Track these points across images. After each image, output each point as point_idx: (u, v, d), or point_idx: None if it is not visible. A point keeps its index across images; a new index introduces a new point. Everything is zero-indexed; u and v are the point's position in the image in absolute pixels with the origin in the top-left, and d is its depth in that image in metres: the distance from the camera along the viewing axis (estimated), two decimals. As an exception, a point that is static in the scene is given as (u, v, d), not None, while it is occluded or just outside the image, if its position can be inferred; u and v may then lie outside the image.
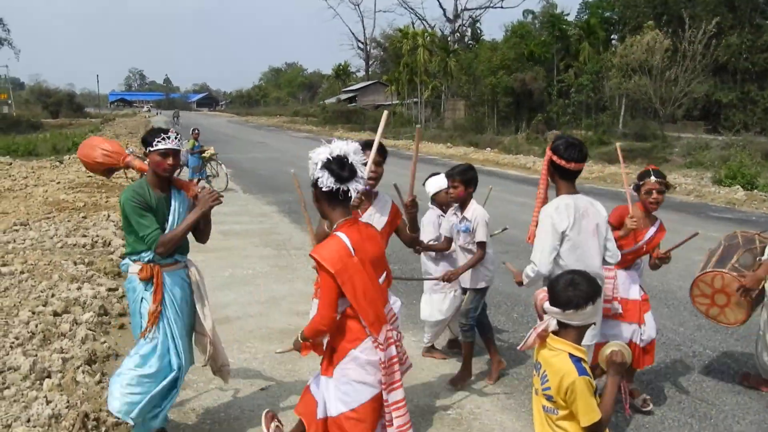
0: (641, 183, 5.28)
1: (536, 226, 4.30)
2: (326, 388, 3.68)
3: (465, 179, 5.56)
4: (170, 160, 4.37)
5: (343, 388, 3.60)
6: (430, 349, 6.52)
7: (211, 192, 4.50)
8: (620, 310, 5.02)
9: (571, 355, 2.95)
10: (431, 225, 6.19)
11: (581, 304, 2.96)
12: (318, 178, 3.56)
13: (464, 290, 5.81)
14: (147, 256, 4.44)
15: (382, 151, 4.46)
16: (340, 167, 3.54)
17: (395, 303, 4.08)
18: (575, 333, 3.01)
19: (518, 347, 3.35)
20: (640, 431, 5.00)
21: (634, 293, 5.19)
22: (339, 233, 3.54)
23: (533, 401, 3.16)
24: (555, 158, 4.27)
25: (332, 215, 3.64)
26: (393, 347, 3.63)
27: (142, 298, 4.44)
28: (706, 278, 5.43)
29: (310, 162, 3.62)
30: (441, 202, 6.19)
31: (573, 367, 2.90)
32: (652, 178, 5.21)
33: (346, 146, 3.64)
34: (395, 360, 3.63)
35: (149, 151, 4.35)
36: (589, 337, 3.91)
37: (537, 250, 4.21)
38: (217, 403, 5.39)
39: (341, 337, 3.61)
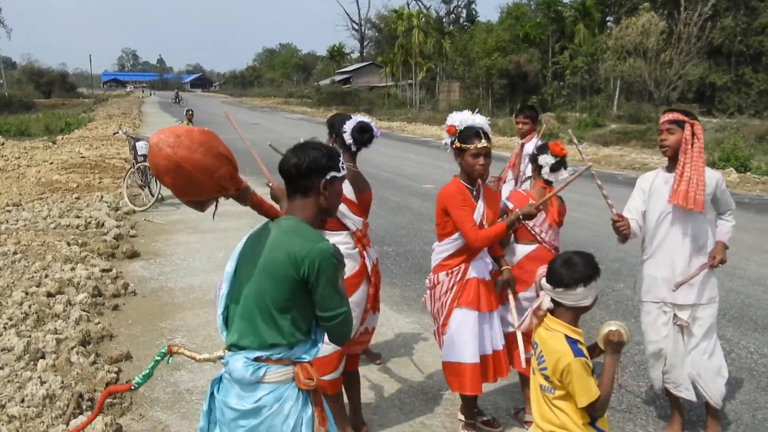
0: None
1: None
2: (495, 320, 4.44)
3: None
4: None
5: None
6: None
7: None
8: None
9: (567, 337, 2.95)
10: None
11: (571, 284, 2.95)
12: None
13: None
14: (307, 354, 2.69)
15: None
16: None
17: None
18: (570, 314, 3.01)
19: (516, 327, 3.35)
20: (632, 411, 5.03)
21: None
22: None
23: (531, 380, 3.17)
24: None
25: None
26: None
27: (298, 426, 2.64)
28: None
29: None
30: None
31: (569, 349, 2.90)
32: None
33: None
34: None
35: (333, 177, 2.77)
36: None
37: (732, 207, 4.85)
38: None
39: None
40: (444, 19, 67.60)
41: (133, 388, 2.95)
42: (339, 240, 4.14)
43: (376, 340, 6.14)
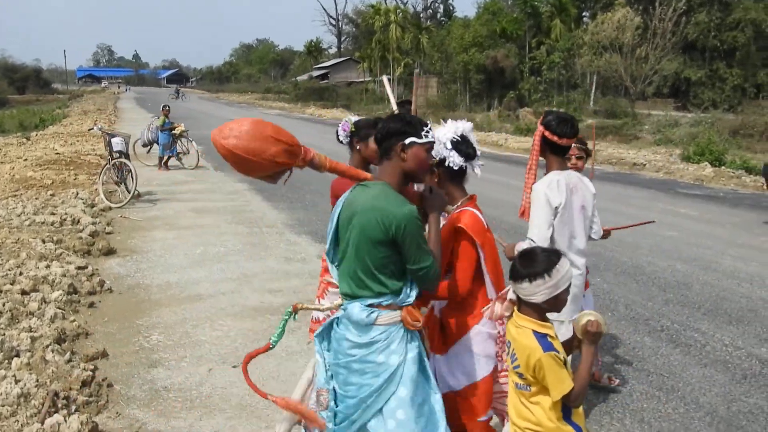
0: None
1: (529, 202, 4.25)
2: (437, 367, 3.63)
3: None
4: (431, 158, 3.23)
5: (466, 362, 3.57)
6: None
7: (440, 193, 3.31)
8: None
9: (535, 332, 2.95)
10: None
11: (518, 278, 2.96)
12: (446, 157, 3.59)
13: None
14: (409, 298, 3.11)
15: None
16: (467, 146, 3.61)
17: None
18: (532, 309, 3.01)
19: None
20: (609, 404, 5.07)
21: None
22: (471, 208, 3.58)
23: (509, 378, 3.17)
24: (547, 134, 4.21)
25: (455, 193, 3.67)
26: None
27: (403, 361, 3.10)
28: None
29: (439, 137, 3.57)
30: None
31: (537, 344, 2.90)
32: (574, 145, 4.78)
33: (463, 125, 3.68)
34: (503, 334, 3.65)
35: (412, 142, 3.07)
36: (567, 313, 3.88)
37: (534, 226, 4.12)
38: (189, 381, 5.37)
39: (462, 313, 3.58)
40: (421, 15, 67.65)
41: (271, 347, 3.38)
42: None
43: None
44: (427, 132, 3.12)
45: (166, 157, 17.70)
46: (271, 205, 12.82)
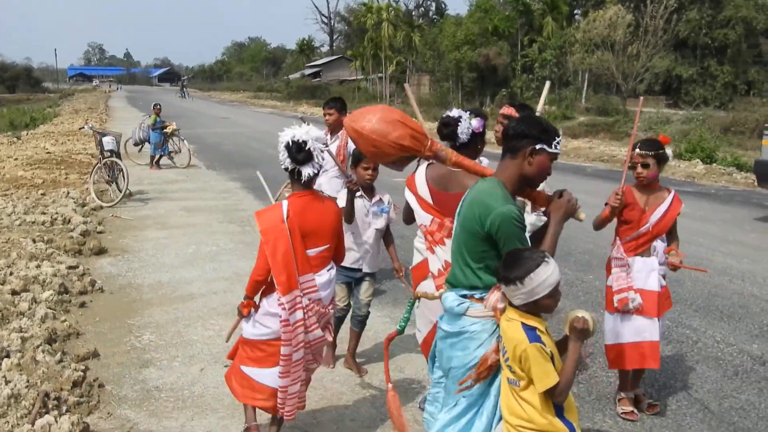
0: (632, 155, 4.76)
1: None
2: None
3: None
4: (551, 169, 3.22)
5: (254, 321, 4.06)
6: None
7: (570, 199, 3.25)
8: (639, 301, 4.71)
9: (524, 324, 2.96)
10: None
11: (498, 278, 3.03)
12: (280, 154, 3.92)
13: (366, 276, 5.85)
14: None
15: None
16: (297, 150, 3.83)
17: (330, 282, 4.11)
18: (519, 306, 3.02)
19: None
20: (601, 401, 5.07)
21: (652, 284, 4.82)
22: (284, 201, 3.95)
23: (502, 375, 3.17)
24: None
25: (292, 187, 4.04)
26: (300, 312, 3.89)
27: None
28: None
29: (279, 139, 3.91)
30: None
31: (524, 336, 2.92)
32: (636, 150, 4.79)
33: (307, 132, 3.88)
34: (299, 325, 3.91)
35: (542, 149, 3.08)
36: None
37: None
38: (181, 380, 5.35)
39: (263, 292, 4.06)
40: (413, 13, 67.71)
41: (399, 333, 3.73)
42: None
43: (345, 334, 6.01)
44: (557, 143, 3.15)
45: (157, 156, 17.64)
46: (264, 204, 12.77)
